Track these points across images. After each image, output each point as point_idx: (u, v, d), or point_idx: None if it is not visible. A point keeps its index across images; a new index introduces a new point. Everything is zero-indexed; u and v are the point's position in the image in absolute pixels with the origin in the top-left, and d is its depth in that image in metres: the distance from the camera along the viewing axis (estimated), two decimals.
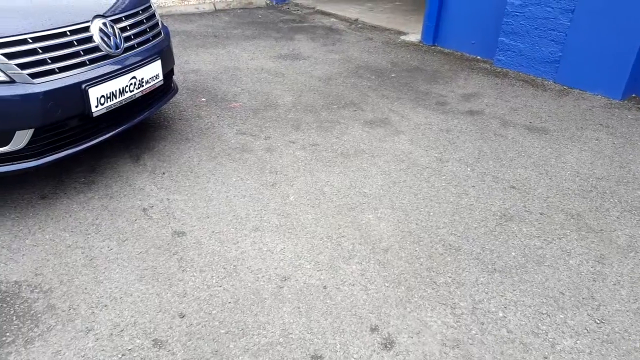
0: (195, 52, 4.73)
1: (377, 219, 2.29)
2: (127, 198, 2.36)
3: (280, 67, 4.43)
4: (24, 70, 1.96)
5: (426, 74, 4.42)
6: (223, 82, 3.98)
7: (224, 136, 3.04)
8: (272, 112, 3.44)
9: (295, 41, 5.36)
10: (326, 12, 6.92)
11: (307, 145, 2.98)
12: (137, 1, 2.65)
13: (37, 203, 2.28)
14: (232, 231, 2.16)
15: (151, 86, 2.55)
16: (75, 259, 1.94)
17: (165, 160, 2.72)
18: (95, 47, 2.24)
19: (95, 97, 2.18)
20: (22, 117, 1.97)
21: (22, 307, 1.71)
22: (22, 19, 2.01)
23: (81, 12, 2.24)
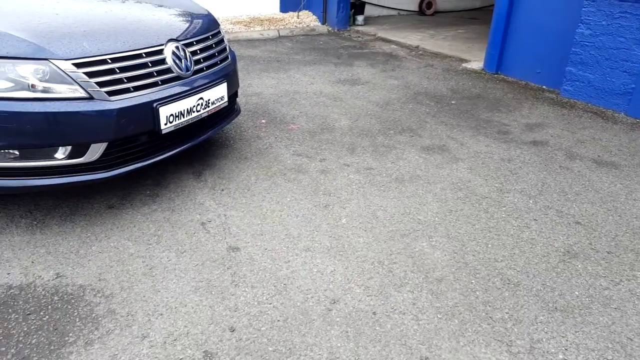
0: (258, 76, 4.91)
1: (432, 247, 2.24)
2: (187, 212, 2.45)
3: (338, 92, 4.50)
4: (102, 88, 2.11)
5: (488, 102, 4.33)
6: (283, 105, 4.09)
7: (280, 157, 3.11)
8: (329, 135, 3.48)
9: (355, 67, 5.44)
10: (387, 39, 6.99)
11: (361, 169, 2.99)
12: (207, 27, 2.80)
13: (105, 212, 2.42)
14: (284, 250, 2.19)
15: (216, 107, 2.66)
16: (136, 267, 2.04)
17: (225, 177, 2.82)
18: (168, 69, 2.38)
19: (165, 115, 2.31)
20: (97, 131, 2.12)
21: (85, 309, 1.80)
22: (103, 41, 2.18)
23: (156, 35, 2.40)
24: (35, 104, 1.97)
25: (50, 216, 2.36)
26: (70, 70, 2.02)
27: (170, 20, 2.64)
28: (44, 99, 1.99)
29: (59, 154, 2.10)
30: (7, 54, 1.95)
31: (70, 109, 2.02)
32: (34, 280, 1.94)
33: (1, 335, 1.67)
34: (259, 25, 7.25)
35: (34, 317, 1.76)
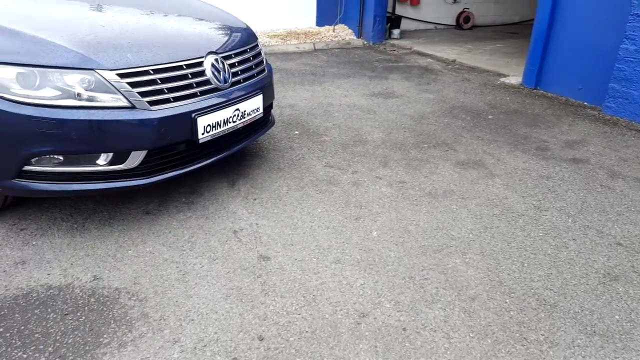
0: (293, 88, 4.97)
1: (465, 264, 2.20)
2: (220, 220, 2.49)
3: (372, 105, 4.50)
4: (144, 98, 2.18)
5: (526, 117, 4.24)
6: (316, 116, 4.12)
7: (312, 168, 3.13)
8: (361, 148, 3.48)
9: (389, 80, 5.43)
10: (423, 52, 6.96)
11: (394, 182, 2.97)
12: (246, 40, 2.87)
13: (142, 218, 2.49)
14: (314, 261, 2.19)
15: (252, 118, 2.71)
16: (170, 273, 2.08)
17: (258, 187, 2.85)
18: (207, 81, 2.44)
19: (203, 125, 2.37)
20: (138, 139, 2.19)
21: (120, 312, 1.85)
22: (146, 53, 2.26)
23: (197, 48, 2.47)
24: (81, 111, 2.06)
25: (90, 220, 2.44)
26: (114, 80, 2.11)
27: (211, 34, 2.72)
28: (89, 107, 2.08)
29: (101, 160, 2.19)
30: (56, 64, 2.04)
31: (113, 117, 2.10)
32: (72, 282, 2.00)
33: (40, 333, 1.74)
34: (295, 39, 7.36)
35: (71, 318, 1.82)
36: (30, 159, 2.08)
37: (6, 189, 2.19)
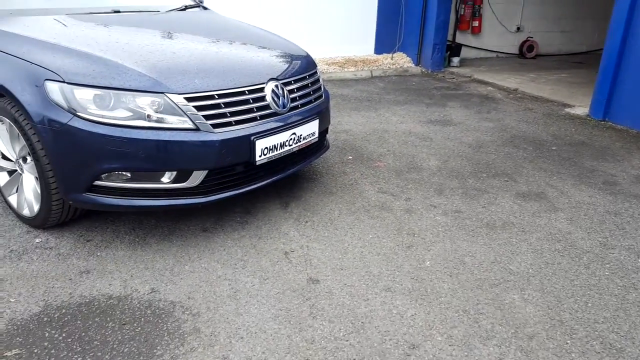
0: (349, 114, 5.03)
1: (523, 300, 2.09)
2: (272, 240, 2.54)
3: (428, 132, 4.46)
4: (208, 121, 2.29)
5: (593, 149, 4.03)
6: (370, 142, 4.13)
7: (365, 193, 3.12)
8: (416, 175, 3.44)
9: (447, 108, 5.37)
10: (483, 80, 6.85)
11: (449, 211, 2.90)
12: (305, 67, 2.95)
13: (199, 235, 2.58)
14: (364, 287, 2.17)
15: (307, 142, 2.76)
16: (223, 290, 2.13)
17: (310, 209, 2.88)
18: (266, 105, 2.53)
19: (260, 148, 2.44)
20: (200, 159, 2.30)
21: (173, 325, 1.91)
22: (212, 78, 2.39)
23: (259, 75, 2.58)
24: (149, 132, 2.19)
25: (150, 235, 2.56)
26: (182, 104, 2.24)
27: (272, 61, 2.82)
28: (157, 128, 2.21)
29: (165, 178, 2.30)
30: (130, 87, 2.20)
31: (179, 138, 2.22)
32: (131, 293, 2.10)
33: (99, 341, 1.82)
34: (352, 66, 7.47)
35: (128, 328, 1.90)
36: (101, 175, 2.23)
37: (77, 201, 2.34)
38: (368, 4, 7.95)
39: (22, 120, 2.26)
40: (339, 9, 7.80)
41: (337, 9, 7.79)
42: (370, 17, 8.05)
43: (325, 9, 7.72)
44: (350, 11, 7.87)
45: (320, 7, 7.67)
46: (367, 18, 8.03)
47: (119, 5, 3.21)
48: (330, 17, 7.78)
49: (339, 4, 7.78)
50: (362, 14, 7.97)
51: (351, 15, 7.89)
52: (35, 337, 1.83)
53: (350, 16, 7.90)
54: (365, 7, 7.94)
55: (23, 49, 2.35)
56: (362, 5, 7.92)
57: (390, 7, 8.04)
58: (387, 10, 8.04)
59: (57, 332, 1.86)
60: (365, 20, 8.03)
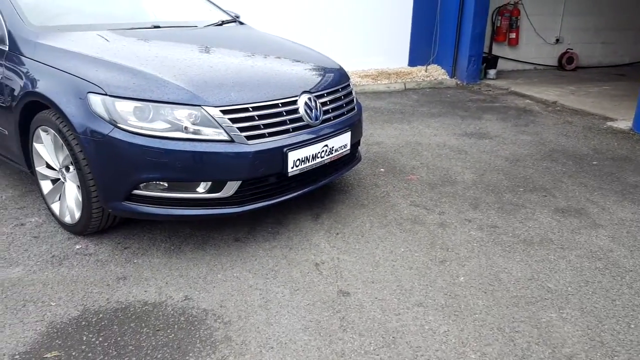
0: (381, 126, 5.01)
1: (562, 319, 2.02)
2: (303, 251, 2.55)
3: (463, 145, 4.39)
4: (243, 133, 2.34)
5: (637, 165, 3.87)
6: (403, 155, 4.10)
7: (397, 206, 3.10)
8: (450, 188, 3.39)
9: (483, 120, 5.28)
10: (520, 93, 6.71)
11: (484, 226, 2.84)
12: (338, 80, 2.98)
13: (232, 244, 2.61)
14: (395, 301, 2.14)
15: (339, 154, 2.77)
16: (254, 299, 2.15)
17: (341, 221, 2.88)
18: (299, 118, 2.56)
19: (292, 159, 2.47)
20: (235, 170, 2.34)
21: (205, 333, 1.94)
22: (247, 91, 2.44)
23: (292, 88, 2.61)
24: (186, 143, 2.25)
25: (185, 243, 2.62)
26: (218, 116, 2.29)
27: (305, 74, 2.86)
28: (194, 139, 2.27)
29: (200, 188, 2.36)
30: (168, 100, 2.27)
31: (214, 149, 2.27)
32: (165, 300, 2.14)
33: (134, 346, 1.87)
34: (386, 79, 7.47)
35: (162, 334, 1.93)
36: (139, 184, 2.31)
37: (116, 210, 2.42)
38: (402, 16, 7.95)
39: (66, 130, 2.36)
40: (372, 21, 7.83)
41: (371, 22, 7.82)
42: (404, 29, 8.04)
43: (358, 22, 7.77)
44: (383, 24, 7.89)
45: (354, 19, 7.73)
46: (401, 30, 8.02)
47: (159, 21, 3.33)
48: (363, 29, 7.82)
49: (373, 17, 7.81)
50: (396, 26, 7.97)
51: (385, 28, 7.91)
52: (74, 340, 1.89)
53: (384, 29, 7.91)
54: (399, 19, 7.94)
55: (68, 63, 2.46)
56: (396, 18, 7.92)
57: (424, 20, 8.02)
58: (421, 22, 8.01)
59: (94, 336, 1.91)
60: (399, 33, 8.03)
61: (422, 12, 7.96)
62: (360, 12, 7.73)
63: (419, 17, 7.97)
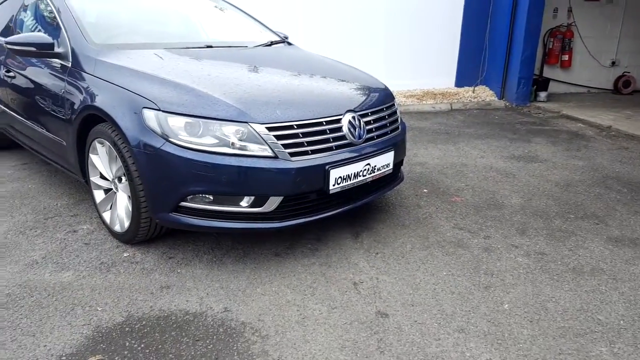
0: (425, 147, 4.96)
1: (613, 354, 1.90)
2: (342, 270, 2.54)
3: (511, 168, 4.27)
4: (286, 150, 2.38)
5: None
6: (447, 176, 4.04)
7: (440, 228, 3.04)
8: (496, 212, 3.30)
9: (533, 143, 5.13)
10: (572, 116, 6.48)
11: (532, 253, 2.74)
12: (383, 99, 2.99)
13: (271, 259, 2.64)
14: (435, 326, 2.09)
15: (381, 173, 2.77)
16: (291, 315, 2.15)
17: (381, 241, 2.85)
18: (342, 136, 2.58)
19: (334, 177, 2.49)
20: (277, 186, 2.38)
21: (243, 345, 1.96)
22: (292, 110, 2.49)
23: (337, 106, 2.65)
24: (232, 158, 2.32)
25: (227, 255, 2.67)
26: (263, 133, 2.35)
27: (350, 93, 2.89)
28: (240, 155, 2.33)
29: (243, 202, 2.41)
30: (217, 116, 2.35)
31: (259, 165, 2.33)
32: (205, 311, 2.19)
33: (173, 354, 1.91)
34: (431, 99, 7.41)
35: (201, 344, 1.97)
36: (186, 196, 2.38)
37: (163, 220, 2.51)
38: (450, 36, 7.90)
39: (120, 143, 2.48)
40: (419, 42, 7.82)
41: (418, 42, 7.82)
42: (451, 49, 7.98)
43: (405, 42, 7.78)
44: (430, 44, 7.86)
45: (401, 40, 7.75)
46: (448, 51, 7.97)
47: (212, 41, 3.47)
48: (409, 49, 7.82)
49: (420, 37, 7.81)
50: (443, 46, 7.92)
51: (432, 48, 7.88)
52: (117, 345, 1.96)
53: (431, 49, 7.89)
54: (446, 40, 7.90)
55: (126, 79, 2.60)
56: (444, 38, 7.88)
57: (473, 40, 7.93)
58: (469, 43, 7.93)
59: (136, 343, 1.97)
60: (446, 53, 7.97)
61: (470, 33, 7.88)
62: (406, 32, 7.75)
63: (467, 37, 7.90)
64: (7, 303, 2.20)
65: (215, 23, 4.05)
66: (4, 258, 2.59)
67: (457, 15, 7.81)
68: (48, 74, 3.10)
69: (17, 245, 2.74)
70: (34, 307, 2.18)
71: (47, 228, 2.96)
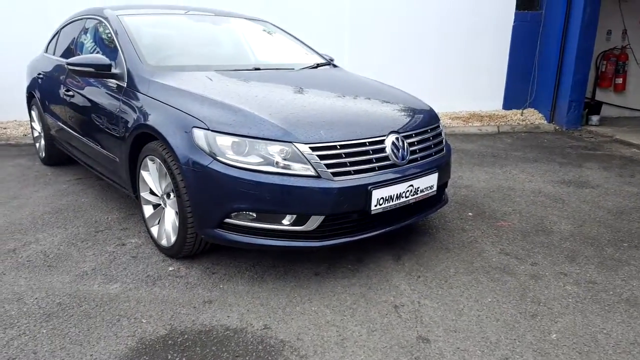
0: (470, 169, 4.87)
1: None
2: (382, 292, 2.51)
3: (560, 193, 4.11)
4: (329, 169, 2.41)
5: None
6: (494, 200, 3.93)
7: (485, 253, 2.95)
8: (544, 238, 3.18)
9: (583, 168, 4.93)
10: (626, 141, 6.20)
11: (582, 281, 2.61)
12: (427, 121, 2.97)
13: (311, 278, 2.65)
14: (478, 354, 2.02)
15: (424, 195, 2.74)
16: (330, 335, 2.14)
17: (423, 264, 2.81)
18: (385, 157, 2.58)
19: (376, 198, 2.48)
20: (319, 205, 2.40)
21: None
22: (336, 130, 2.52)
23: (380, 128, 2.66)
24: (276, 177, 2.36)
25: (268, 273, 2.70)
26: (307, 153, 2.39)
27: (394, 115, 2.89)
28: (283, 174, 2.37)
29: (285, 220, 2.44)
30: (263, 136, 2.41)
31: (301, 184, 2.36)
32: (246, 327, 2.21)
33: None
34: (478, 121, 7.29)
35: None
36: (231, 213, 2.44)
37: (208, 236, 2.57)
38: (497, 59, 7.80)
39: (170, 160, 2.59)
40: (465, 63, 7.77)
41: (464, 64, 7.77)
42: (499, 72, 7.87)
43: (450, 64, 7.74)
44: (477, 65, 7.79)
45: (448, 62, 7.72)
46: (495, 73, 7.86)
47: (259, 63, 3.58)
48: (456, 72, 7.77)
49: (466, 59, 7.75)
50: (491, 68, 7.83)
51: (478, 69, 7.80)
52: (160, 357, 2.01)
53: (477, 71, 7.80)
54: (494, 62, 7.80)
55: (177, 99, 2.72)
56: (491, 61, 7.79)
57: (522, 63, 7.80)
58: (518, 65, 7.80)
59: (178, 356, 2.01)
60: (494, 75, 7.87)
61: (519, 55, 7.76)
62: (452, 54, 7.72)
63: (515, 59, 7.78)
64: (57, 312, 2.30)
65: (264, 46, 4.19)
66: (57, 268, 2.73)
67: (505, 38, 7.72)
68: (104, 94, 3.28)
69: (69, 256, 2.88)
70: (82, 316, 2.27)
71: (97, 241, 3.09)
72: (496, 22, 7.62)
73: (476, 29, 7.63)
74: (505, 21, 7.64)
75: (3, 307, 2.33)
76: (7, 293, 2.45)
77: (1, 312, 2.29)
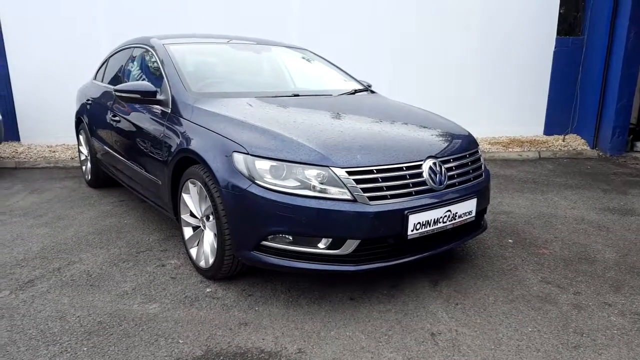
0: (511, 195, 4.76)
1: None
2: (419, 319, 2.47)
3: (604, 221, 3.96)
4: (365, 193, 2.42)
5: None
6: (534, 227, 3.83)
7: (525, 281, 2.87)
8: (587, 267, 3.06)
9: (629, 196, 4.74)
10: None
11: (627, 312, 2.49)
12: (466, 146, 2.95)
13: (346, 302, 2.64)
14: None
15: (462, 220, 2.70)
16: None
17: (461, 292, 2.75)
18: (422, 182, 2.57)
19: (413, 222, 2.47)
20: (355, 229, 2.41)
21: None
22: (373, 154, 2.54)
23: (418, 152, 2.66)
24: (313, 201, 2.40)
25: (303, 296, 2.70)
26: (343, 177, 2.42)
27: (432, 140, 2.89)
28: (320, 197, 2.40)
29: (321, 244, 2.46)
30: (300, 160, 2.46)
31: (337, 207, 2.38)
32: (280, 350, 2.22)
33: None
34: (518, 147, 7.15)
35: None
36: (268, 236, 2.48)
37: (245, 258, 2.62)
38: (538, 83, 7.69)
39: (210, 183, 2.67)
40: (506, 88, 7.69)
41: (504, 88, 7.69)
42: (540, 97, 7.74)
43: (491, 89, 7.68)
44: (518, 90, 7.69)
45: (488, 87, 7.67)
46: (536, 98, 7.74)
47: (298, 90, 3.67)
48: (496, 97, 7.70)
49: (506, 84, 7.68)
50: (532, 94, 7.72)
51: (519, 94, 7.70)
52: None
53: (518, 95, 7.71)
54: (535, 86, 7.69)
55: (219, 125, 2.82)
56: (532, 86, 7.68)
57: (563, 88, 7.65)
58: (559, 91, 7.66)
59: None
60: (535, 100, 7.74)
61: (561, 80, 7.62)
62: (494, 79, 7.66)
63: (557, 84, 7.64)
64: (98, 330, 2.37)
65: (303, 73, 4.29)
66: (99, 287, 2.82)
67: (546, 64, 7.62)
68: (149, 119, 3.44)
69: (111, 276, 2.98)
70: (121, 335, 2.33)
71: (138, 261, 3.19)
72: (537, 48, 7.53)
73: (517, 55, 7.57)
74: (546, 47, 7.55)
75: (47, 324, 2.42)
76: (50, 311, 2.55)
77: (44, 328, 2.38)
